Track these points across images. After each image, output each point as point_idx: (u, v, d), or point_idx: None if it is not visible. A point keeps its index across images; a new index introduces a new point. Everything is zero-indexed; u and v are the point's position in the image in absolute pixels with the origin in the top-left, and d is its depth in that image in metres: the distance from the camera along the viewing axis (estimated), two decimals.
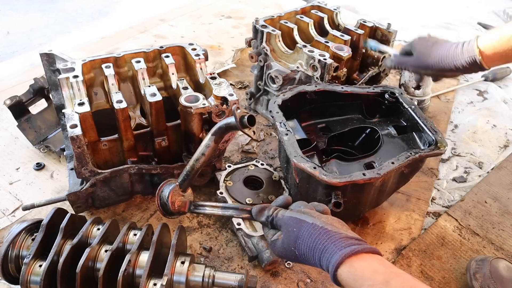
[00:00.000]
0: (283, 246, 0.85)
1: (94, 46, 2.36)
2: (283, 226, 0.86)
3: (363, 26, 1.71)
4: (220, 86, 1.23)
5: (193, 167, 1.03)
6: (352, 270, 0.73)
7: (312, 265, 0.83)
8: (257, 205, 0.96)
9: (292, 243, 0.83)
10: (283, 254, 0.87)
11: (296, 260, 0.85)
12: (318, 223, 0.81)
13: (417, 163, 1.23)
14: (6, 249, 0.98)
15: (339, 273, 0.75)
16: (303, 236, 0.81)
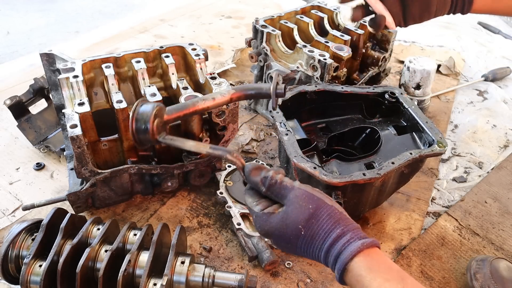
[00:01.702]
0: (284, 222, 0.72)
1: (94, 46, 2.37)
2: (291, 199, 0.73)
3: (363, 26, 1.71)
4: (220, 86, 1.23)
5: (194, 104, 0.88)
6: (369, 260, 0.68)
7: (309, 253, 0.73)
8: (253, 162, 0.81)
9: (301, 221, 0.71)
10: (277, 232, 0.73)
11: (289, 245, 0.73)
12: (337, 207, 0.73)
13: (417, 163, 1.23)
14: (6, 249, 0.98)
15: (354, 261, 0.68)
16: (321, 216, 0.71)
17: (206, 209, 1.38)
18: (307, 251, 0.73)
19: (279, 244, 0.76)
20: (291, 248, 0.74)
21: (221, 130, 1.27)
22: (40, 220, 1.03)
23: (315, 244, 0.71)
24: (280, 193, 0.75)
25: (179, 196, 1.41)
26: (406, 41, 2.62)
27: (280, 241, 0.74)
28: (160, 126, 0.82)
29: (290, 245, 0.73)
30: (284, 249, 0.76)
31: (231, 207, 1.28)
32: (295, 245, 0.73)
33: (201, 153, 0.93)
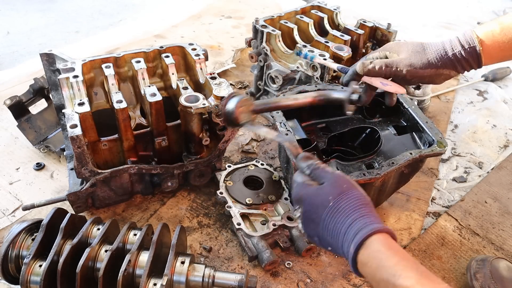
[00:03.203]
0: (318, 192, 0.81)
1: (94, 47, 2.37)
2: (329, 179, 0.83)
3: (363, 26, 1.71)
4: (220, 86, 1.23)
5: (278, 100, 1.04)
6: (389, 241, 0.72)
7: (331, 227, 0.78)
8: (305, 153, 0.92)
9: (332, 194, 0.79)
10: (308, 199, 0.82)
11: (315, 215, 0.80)
12: (366, 196, 0.80)
13: (417, 163, 1.22)
14: (6, 249, 0.98)
15: (374, 237, 0.72)
16: (351, 195, 0.78)
17: (206, 209, 1.38)
18: (330, 224, 0.78)
19: (306, 214, 0.83)
20: (315, 220, 0.80)
21: (221, 130, 1.27)
22: (40, 220, 1.03)
23: (339, 217, 0.77)
24: (321, 175, 0.85)
25: (179, 196, 1.41)
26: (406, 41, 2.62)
27: (309, 209, 0.81)
28: (244, 113, 1.02)
29: (316, 215, 0.80)
30: (309, 222, 0.82)
31: (231, 207, 1.28)
32: (320, 216, 0.79)
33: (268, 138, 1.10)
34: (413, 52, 1.00)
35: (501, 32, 0.93)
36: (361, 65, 1.01)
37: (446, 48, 0.97)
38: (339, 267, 1.21)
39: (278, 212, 1.30)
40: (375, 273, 0.69)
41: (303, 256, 1.22)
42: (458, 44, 0.97)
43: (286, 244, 1.22)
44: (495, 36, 0.94)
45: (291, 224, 1.23)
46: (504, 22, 0.94)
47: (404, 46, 1.02)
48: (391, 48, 1.05)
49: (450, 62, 0.98)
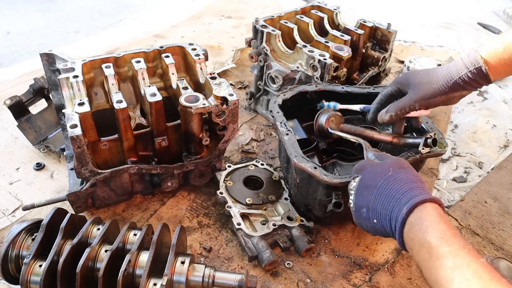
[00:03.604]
0: (379, 164, 0.92)
1: (94, 47, 2.37)
2: (393, 159, 0.95)
3: (363, 26, 1.71)
4: (220, 86, 1.23)
5: (362, 131, 1.22)
6: (440, 210, 0.78)
7: (385, 194, 0.85)
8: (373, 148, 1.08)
9: (393, 166, 0.88)
10: (369, 168, 0.92)
11: (372, 183, 0.88)
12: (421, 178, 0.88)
13: (417, 163, 1.22)
14: (6, 249, 0.98)
15: (426, 204, 0.78)
16: (410, 172, 0.87)
17: (206, 209, 1.38)
18: (385, 190, 0.85)
19: (362, 182, 0.91)
20: (370, 188, 0.88)
21: (221, 130, 1.27)
22: (40, 220, 1.03)
23: (396, 184, 0.84)
24: (384, 157, 0.97)
25: (179, 196, 1.41)
26: (406, 41, 2.62)
27: (367, 176, 0.91)
28: (331, 127, 1.25)
29: (372, 183, 0.88)
30: (363, 190, 0.90)
31: (231, 207, 1.28)
32: (377, 183, 0.87)
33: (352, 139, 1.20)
34: (420, 84, 1.04)
35: (504, 50, 0.95)
36: (380, 117, 1.13)
37: (452, 73, 1.00)
38: (339, 267, 1.21)
39: (278, 212, 1.30)
40: (423, 234, 0.74)
41: (303, 256, 1.22)
42: (463, 67, 0.98)
43: (286, 244, 1.22)
44: (498, 54, 0.95)
45: (291, 224, 1.23)
46: (506, 40, 0.95)
47: (413, 79, 1.06)
48: (401, 82, 1.10)
49: (458, 86, 1.00)
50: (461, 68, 0.99)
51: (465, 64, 0.98)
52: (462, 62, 0.99)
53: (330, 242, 1.28)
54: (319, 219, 1.28)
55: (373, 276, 1.19)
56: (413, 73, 1.08)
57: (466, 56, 0.99)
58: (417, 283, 1.18)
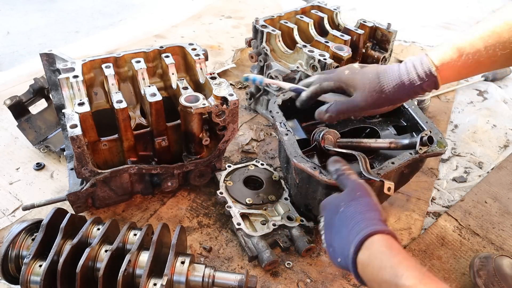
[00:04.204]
0: (336, 198, 0.89)
1: (94, 47, 2.37)
2: (349, 187, 0.90)
3: (363, 26, 1.71)
4: (220, 86, 1.23)
5: (359, 142, 1.21)
6: (391, 241, 0.74)
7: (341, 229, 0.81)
8: (335, 156, 1.02)
9: (346, 200, 0.85)
10: (329, 205, 0.89)
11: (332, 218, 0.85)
12: (378, 203, 0.84)
13: (417, 163, 1.22)
14: (6, 249, 0.98)
15: (375, 237, 0.74)
16: (361, 202, 0.83)
17: (206, 209, 1.38)
18: (338, 229, 0.82)
19: (325, 222, 0.88)
20: (330, 227, 0.85)
21: (221, 130, 1.27)
22: (40, 220, 1.03)
23: (345, 221, 0.81)
24: (343, 183, 0.93)
25: (179, 196, 1.41)
26: (406, 41, 2.62)
27: (327, 216, 0.87)
28: (328, 144, 1.22)
29: (331, 223, 0.85)
30: (327, 230, 0.87)
31: (231, 207, 1.28)
32: (333, 222, 0.84)
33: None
34: (370, 92, 0.95)
35: (457, 57, 0.89)
36: (318, 114, 1.03)
37: (404, 82, 0.92)
38: None
39: (278, 212, 1.30)
40: (377, 273, 0.69)
41: (303, 256, 1.22)
42: (416, 75, 0.91)
43: (286, 244, 1.22)
44: (451, 61, 0.89)
45: (291, 224, 1.23)
46: (457, 44, 0.89)
47: (360, 83, 0.96)
48: (347, 83, 0.99)
49: (407, 95, 0.94)
50: (414, 77, 0.91)
51: (417, 72, 0.91)
52: (415, 70, 0.91)
53: None
54: None
55: None
56: (361, 74, 0.97)
57: (419, 63, 0.91)
58: None
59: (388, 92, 0.93)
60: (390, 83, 0.93)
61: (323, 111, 1.01)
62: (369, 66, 0.99)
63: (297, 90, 1.10)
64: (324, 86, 1.03)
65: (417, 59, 0.92)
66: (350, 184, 0.90)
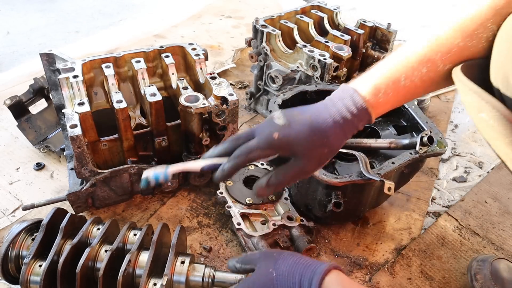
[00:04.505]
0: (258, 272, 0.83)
1: (94, 47, 2.37)
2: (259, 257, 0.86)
3: (363, 26, 1.71)
4: (220, 86, 1.23)
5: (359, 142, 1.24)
6: (341, 277, 0.74)
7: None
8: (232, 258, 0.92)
9: (271, 264, 0.81)
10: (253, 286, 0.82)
11: None
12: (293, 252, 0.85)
13: (417, 163, 1.22)
14: (6, 249, 0.98)
15: (326, 280, 0.73)
16: (286, 256, 0.81)
17: (206, 209, 1.38)
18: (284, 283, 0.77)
19: None
20: None
21: (221, 130, 1.27)
22: (40, 220, 1.03)
23: (289, 277, 0.76)
24: (251, 261, 0.87)
25: (179, 196, 1.41)
26: (406, 41, 2.62)
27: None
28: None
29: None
30: None
31: (231, 207, 1.28)
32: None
33: None
34: (312, 152, 0.80)
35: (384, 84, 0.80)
36: (258, 191, 0.85)
37: (339, 123, 0.80)
38: None
39: (278, 212, 1.30)
40: None
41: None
42: (348, 114, 0.79)
43: (286, 244, 1.22)
44: (378, 92, 0.80)
45: (291, 224, 1.23)
46: (384, 74, 0.80)
47: (298, 146, 0.79)
48: (281, 149, 0.80)
49: (344, 135, 0.82)
50: (348, 117, 0.79)
51: (351, 112, 0.79)
52: (347, 110, 0.79)
53: (330, 242, 1.28)
54: (319, 219, 1.28)
55: (373, 276, 1.19)
56: (298, 135, 0.79)
57: (350, 102, 0.79)
58: (417, 283, 1.18)
59: (329, 143, 0.80)
60: (328, 132, 0.79)
61: (263, 186, 0.82)
62: (297, 122, 0.80)
63: (213, 166, 0.84)
64: (253, 158, 0.81)
65: (347, 97, 0.80)
66: (258, 255, 0.85)
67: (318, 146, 0.79)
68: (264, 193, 0.85)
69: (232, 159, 0.80)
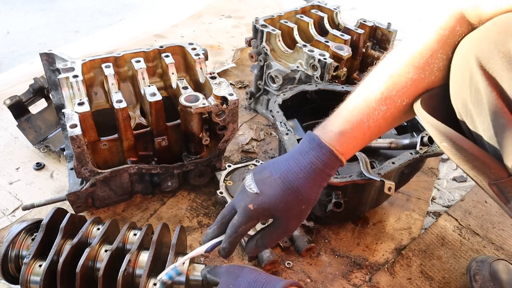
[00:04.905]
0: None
1: (94, 46, 2.37)
2: (223, 272, 0.89)
3: (363, 25, 1.71)
4: (220, 86, 1.23)
5: None
6: None
7: None
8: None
9: (231, 281, 0.83)
10: None
11: None
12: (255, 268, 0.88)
13: (417, 163, 1.22)
14: (6, 249, 0.98)
15: None
16: (246, 273, 0.83)
17: (206, 209, 1.38)
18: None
19: None
20: None
21: (221, 129, 1.27)
22: (40, 220, 1.03)
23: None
24: (216, 274, 0.90)
25: (179, 196, 1.41)
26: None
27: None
28: None
29: None
30: None
31: None
32: None
33: None
34: (290, 212, 0.81)
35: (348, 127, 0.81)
36: (249, 252, 0.90)
37: (311, 176, 0.80)
38: (339, 267, 1.21)
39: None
40: None
41: (303, 256, 1.22)
42: (320, 163, 0.80)
43: (286, 244, 1.22)
44: (344, 135, 0.81)
45: None
46: (345, 117, 0.83)
47: (278, 211, 0.81)
48: (259, 214, 0.82)
49: (319, 185, 0.83)
50: (325, 176, 0.81)
51: (326, 171, 0.81)
52: (322, 165, 0.80)
53: (330, 242, 1.28)
54: (319, 219, 1.28)
55: (373, 276, 1.19)
56: (272, 200, 0.80)
57: (319, 152, 0.80)
58: (417, 283, 1.18)
59: (304, 199, 0.81)
60: (301, 189, 0.80)
61: (253, 247, 0.87)
62: (269, 187, 0.81)
63: (214, 246, 0.92)
64: (242, 233, 0.84)
65: (316, 147, 0.81)
66: (223, 270, 0.89)
67: (294, 205, 0.81)
68: (256, 253, 1.00)
69: (226, 240, 0.85)
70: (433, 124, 0.72)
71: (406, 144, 1.20)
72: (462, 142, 0.68)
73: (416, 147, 1.15)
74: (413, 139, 1.18)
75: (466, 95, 0.69)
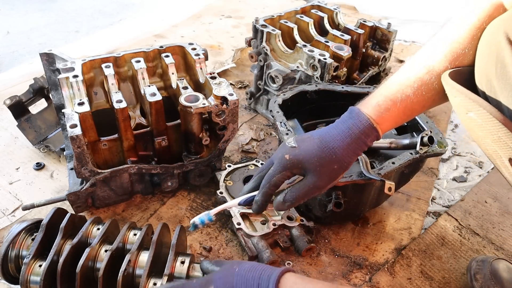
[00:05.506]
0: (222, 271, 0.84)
1: (94, 46, 2.37)
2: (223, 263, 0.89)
3: (363, 25, 1.71)
4: (220, 86, 1.23)
5: None
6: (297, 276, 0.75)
7: None
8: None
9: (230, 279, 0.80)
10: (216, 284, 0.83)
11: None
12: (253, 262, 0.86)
13: (417, 163, 1.22)
14: (6, 249, 0.98)
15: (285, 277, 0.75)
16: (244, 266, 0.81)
17: (206, 209, 1.37)
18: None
19: None
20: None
21: (221, 129, 1.27)
22: (40, 220, 1.03)
23: (250, 272, 0.77)
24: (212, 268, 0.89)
25: (179, 196, 1.41)
26: (406, 40, 2.62)
27: None
28: None
29: None
30: None
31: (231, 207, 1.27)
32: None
33: None
34: (322, 168, 0.86)
35: (388, 104, 0.87)
36: (277, 207, 0.92)
37: (347, 140, 0.86)
38: (339, 267, 1.21)
39: (278, 212, 1.30)
40: None
41: (303, 256, 1.22)
42: (362, 141, 0.87)
43: (286, 244, 1.22)
44: (384, 110, 0.87)
45: (291, 224, 1.23)
46: (387, 95, 0.88)
47: (309, 163, 0.86)
48: (294, 167, 0.88)
49: (353, 152, 0.88)
50: (357, 135, 0.86)
51: (360, 130, 0.86)
52: (357, 128, 0.86)
53: (330, 242, 1.28)
54: (319, 219, 1.28)
55: (373, 276, 1.19)
56: (307, 153, 0.87)
57: (358, 121, 0.86)
58: (417, 283, 1.18)
59: (338, 159, 0.86)
60: (336, 149, 0.86)
61: (281, 202, 0.90)
62: (306, 143, 0.89)
63: (248, 200, 0.95)
64: (275, 183, 0.90)
65: (354, 116, 0.87)
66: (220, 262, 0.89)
67: (327, 163, 0.86)
68: (282, 209, 0.92)
69: (260, 191, 0.91)
70: (462, 92, 0.73)
71: (406, 144, 1.20)
72: (491, 110, 0.68)
73: (416, 147, 1.15)
74: (413, 139, 1.18)
75: (491, 71, 0.70)
